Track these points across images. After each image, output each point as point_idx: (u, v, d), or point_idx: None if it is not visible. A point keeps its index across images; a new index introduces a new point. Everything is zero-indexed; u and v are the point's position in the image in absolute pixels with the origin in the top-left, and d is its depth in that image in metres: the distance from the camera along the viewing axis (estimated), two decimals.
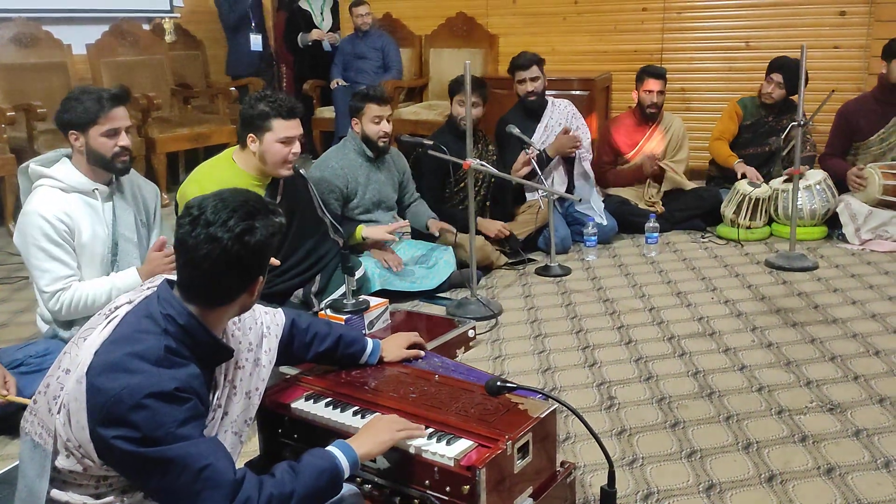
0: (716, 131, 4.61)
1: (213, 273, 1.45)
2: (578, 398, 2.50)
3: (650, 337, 2.98)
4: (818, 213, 4.13)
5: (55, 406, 1.45)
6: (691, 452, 2.18)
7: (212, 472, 1.35)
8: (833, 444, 2.20)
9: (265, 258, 1.51)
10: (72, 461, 1.45)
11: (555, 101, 4.28)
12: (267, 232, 1.48)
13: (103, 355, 1.41)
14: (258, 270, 1.52)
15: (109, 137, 2.36)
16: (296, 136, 2.73)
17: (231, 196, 1.49)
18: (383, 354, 1.93)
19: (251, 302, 1.57)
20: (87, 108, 2.33)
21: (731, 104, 4.61)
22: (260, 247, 1.47)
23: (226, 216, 1.44)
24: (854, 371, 2.63)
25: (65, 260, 2.32)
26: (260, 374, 1.68)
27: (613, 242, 4.21)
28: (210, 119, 5.68)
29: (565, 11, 5.69)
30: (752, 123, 4.52)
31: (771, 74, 4.41)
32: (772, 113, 4.48)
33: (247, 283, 1.51)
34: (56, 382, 1.48)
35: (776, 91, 4.40)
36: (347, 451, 1.50)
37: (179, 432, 1.35)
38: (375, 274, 3.29)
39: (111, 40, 5.46)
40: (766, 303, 3.29)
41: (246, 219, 1.45)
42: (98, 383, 1.37)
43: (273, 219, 1.51)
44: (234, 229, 1.43)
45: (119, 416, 1.33)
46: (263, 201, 1.53)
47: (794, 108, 4.45)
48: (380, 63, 6.05)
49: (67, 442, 1.43)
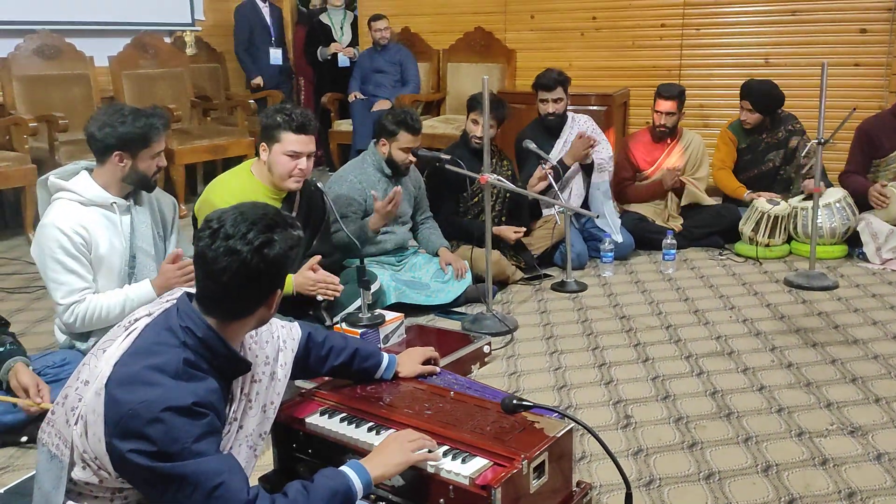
0: (716, 161, 4.57)
1: (232, 286, 1.45)
2: (594, 416, 2.48)
3: (667, 355, 2.95)
4: (838, 232, 4.08)
5: (73, 417, 1.46)
6: (710, 474, 2.15)
7: (224, 491, 1.35)
8: (854, 467, 2.16)
9: (284, 271, 1.52)
10: (88, 473, 1.45)
11: (575, 116, 4.28)
12: (286, 245, 1.48)
13: (122, 367, 1.41)
14: (276, 283, 1.52)
15: (153, 159, 2.42)
16: (304, 151, 2.74)
17: (250, 209, 1.50)
18: (399, 369, 1.93)
19: (269, 315, 1.57)
20: (145, 132, 2.36)
21: (723, 131, 4.60)
22: (279, 260, 1.47)
23: (245, 229, 1.45)
24: (875, 393, 2.59)
25: (80, 273, 2.34)
26: (276, 387, 1.68)
27: (630, 259, 4.19)
28: (229, 131, 5.72)
29: (583, 27, 5.70)
30: (749, 145, 4.50)
31: (741, 101, 4.43)
32: (763, 131, 4.46)
33: (265, 295, 1.52)
34: (74, 393, 1.48)
35: (750, 117, 4.41)
36: (361, 472, 1.49)
37: (195, 448, 1.35)
38: (391, 287, 3.29)
39: (133, 53, 5.53)
40: (785, 322, 3.25)
41: (265, 231, 1.46)
42: (116, 395, 1.37)
43: (292, 232, 1.51)
44: (254, 242, 1.44)
45: (135, 429, 1.34)
46: (282, 215, 1.53)
47: (785, 121, 4.45)
48: (398, 77, 6.08)
49: (84, 453, 1.43)
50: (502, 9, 5.97)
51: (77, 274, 2.33)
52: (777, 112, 4.43)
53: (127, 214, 2.46)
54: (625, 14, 5.55)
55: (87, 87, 5.23)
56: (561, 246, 3.95)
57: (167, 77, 5.72)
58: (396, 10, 6.26)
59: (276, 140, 2.73)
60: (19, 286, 3.90)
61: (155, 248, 2.51)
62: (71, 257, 2.32)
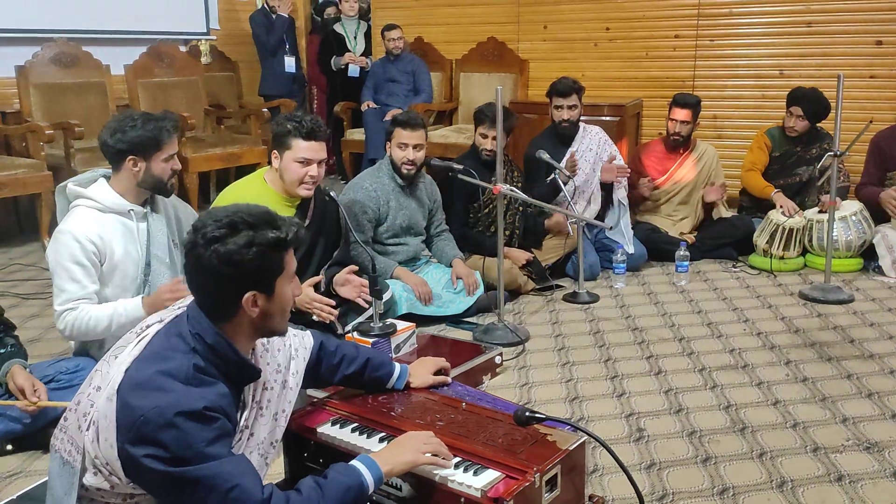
0: (747, 162, 4.55)
1: (197, 282, 1.47)
2: (607, 429, 2.46)
3: (680, 368, 2.93)
4: (854, 245, 4.05)
5: (85, 423, 1.46)
6: (723, 489, 2.12)
7: (240, 493, 1.35)
8: (870, 484, 2.13)
9: (242, 270, 1.43)
10: (99, 479, 1.45)
11: (586, 127, 4.28)
12: (242, 242, 1.41)
13: (134, 373, 1.42)
14: (244, 283, 1.45)
15: (167, 162, 2.43)
16: (315, 158, 2.76)
17: (232, 207, 1.49)
18: (410, 380, 1.92)
19: (261, 321, 1.51)
20: (155, 135, 2.38)
21: (760, 134, 4.56)
22: (231, 257, 1.41)
23: (209, 223, 1.44)
24: (892, 409, 2.56)
25: (83, 282, 2.34)
26: (287, 396, 1.68)
27: (643, 270, 4.17)
28: (242, 139, 5.75)
29: (597, 37, 5.70)
30: (781, 154, 4.47)
31: (790, 108, 4.38)
32: (799, 143, 4.43)
33: (232, 296, 1.46)
34: (87, 399, 1.49)
35: (798, 123, 4.35)
36: (372, 467, 1.48)
37: (208, 451, 1.35)
38: (402, 297, 3.28)
39: (148, 61, 5.57)
40: (800, 335, 3.22)
41: (223, 228, 1.42)
42: (128, 401, 1.37)
43: (265, 232, 1.44)
44: (207, 236, 1.42)
45: (148, 434, 1.34)
46: (266, 215, 1.48)
47: (823, 138, 4.42)
48: (410, 86, 6.10)
49: (95, 459, 1.43)
50: (515, 19, 5.98)
51: (80, 283, 2.33)
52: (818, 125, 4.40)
53: (143, 221, 2.47)
54: (638, 25, 5.54)
55: (103, 96, 5.27)
56: (573, 256, 3.94)
57: (182, 85, 5.76)
58: (410, 20, 6.28)
59: (287, 147, 2.75)
60: (34, 292, 3.92)
61: (170, 257, 2.52)
62: (78, 265, 2.32)
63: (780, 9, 5.14)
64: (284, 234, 1.48)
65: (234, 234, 1.43)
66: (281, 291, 1.51)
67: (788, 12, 5.12)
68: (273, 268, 1.48)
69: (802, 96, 4.33)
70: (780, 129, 4.50)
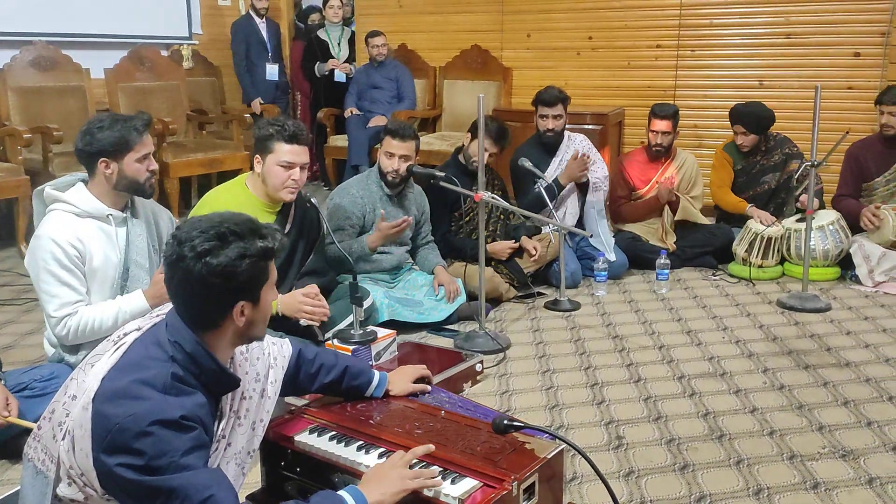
0: (715, 180, 4.58)
1: (182, 294, 1.44)
2: (586, 437, 2.47)
3: (660, 375, 2.94)
4: (831, 254, 4.09)
5: (60, 432, 1.44)
6: (700, 497, 2.13)
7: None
8: (846, 492, 2.15)
9: (233, 281, 1.43)
10: (73, 489, 1.43)
11: (571, 135, 4.30)
12: (234, 254, 1.41)
13: (110, 382, 1.40)
14: (233, 294, 1.45)
15: (141, 163, 2.40)
16: (297, 162, 2.75)
17: (215, 217, 1.47)
18: (390, 388, 1.91)
19: (249, 330, 1.51)
20: (123, 135, 2.36)
21: (719, 152, 4.61)
22: (223, 269, 1.40)
23: (195, 235, 1.41)
24: (867, 417, 2.58)
25: (74, 285, 2.32)
26: (265, 405, 1.66)
27: (624, 278, 4.19)
28: (224, 145, 5.72)
29: (579, 46, 5.74)
30: (744, 167, 4.52)
31: (733, 126, 4.44)
32: (758, 153, 4.48)
33: (223, 306, 1.45)
34: (62, 408, 1.47)
35: (745, 139, 4.41)
36: (359, 499, 1.45)
37: (183, 461, 1.34)
38: (383, 304, 3.27)
39: (129, 65, 5.54)
40: (778, 343, 3.25)
41: (213, 239, 1.41)
42: (104, 410, 1.36)
43: (255, 242, 1.44)
44: (196, 248, 1.40)
45: (123, 443, 1.32)
46: (250, 224, 1.48)
47: (782, 143, 4.47)
48: (394, 93, 6.10)
49: (70, 469, 1.42)
50: (499, 27, 6.00)
51: (70, 286, 2.31)
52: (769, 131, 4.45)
53: (123, 226, 2.44)
54: (621, 34, 5.59)
55: (82, 100, 5.23)
56: (555, 264, 3.95)
57: (163, 90, 5.73)
58: (394, 26, 6.29)
59: (270, 151, 2.74)
60: (9, 298, 3.87)
61: (149, 261, 2.50)
62: (65, 269, 2.30)
63: (760, 20, 5.21)
64: (272, 244, 1.48)
65: (225, 245, 1.41)
66: (265, 299, 1.52)
67: (768, 24, 5.18)
68: (261, 277, 1.48)
69: (739, 114, 4.41)
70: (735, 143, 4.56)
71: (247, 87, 6.41)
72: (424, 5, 6.25)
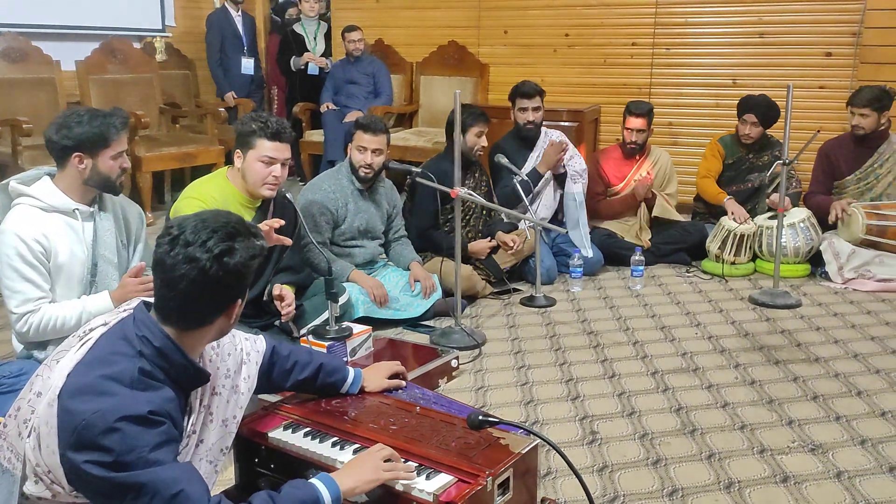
0: (702, 169, 4.64)
1: (190, 294, 1.43)
2: (560, 432, 2.48)
3: (634, 371, 2.97)
4: (802, 251, 4.15)
5: (25, 430, 1.42)
6: (673, 491, 2.16)
7: (184, 499, 1.32)
8: (814, 485, 2.18)
9: (244, 281, 1.49)
10: (40, 487, 1.41)
11: (548, 130, 4.33)
12: (247, 254, 1.46)
13: (76, 378, 1.38)
14: (236, 293, 1.50)
15: (115, 160, 2.37)
16: (278, 158, 2.73)
17: (212, 217, 1.48)
18: (365, 384, 1.90)
19: (229, 326, 1.55)
20: (102, 131, 2.32)
21: (713, 143, 4.66)
22: (239, 269, 1.45)
23: (206, 236, 1.42)
24: (836, 411, 2.63)
25: (37, 282, 2.28)
26: (238, 401, 1.65)
27: (599, 274, 4.22)
28: (198, 139, 5.66)
29: (556, 43, 5.76)
30: (734, 162, 4.57)
31: (744, 115, 4.47)
32: (751, 150, 4.53)
33: (224, 305, 1.49)
34: (27, 406, 1.45)
35: (753, 130, 4.45)
36: (331, 485, 1.46)
37: (152, 457, 1.32)
38: (359, 300, 3.26)
39: (101, 57, 5.45)
40: (749, 339, 3.29)
41: (226, 240, 1.44)
42: (70, 406, 1.34)
43: (254, 241, 1.49)
44: (213, 250, 1.41)
45: (90, 439, 1.30)
46: (245, 224, 1.51)
47: (773, 145, 4.53)
48: (370, 88, 6.07)
49: (37, 467, 1.40)
50: (476, 23, 6.00)
51: (33, 283, 2.27)
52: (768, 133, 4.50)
53: (90, 221, 2.40)
54: (597, 32, 5.62)
55: (52, 92, 5.14)
56: (531, 260, 3.97)
57: (136, 83, 5.65)
58: (370, 21, 6.26)
59: (251, 147, 2.72)
60: None
61: (118, 257, 2.46)
62: (28, 265, 2.26)
63: (734, 20, 5.26)
64: (266, 243, 1.55)
65: (236, 246, 1.45)
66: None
67: (742, 23, 5.24)
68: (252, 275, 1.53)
69: (755, 104, 4.44)
70: (733, 136, 4.59)
71: (220, 81, 6.35)
72: (401, 0, 6.24)
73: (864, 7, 4.88)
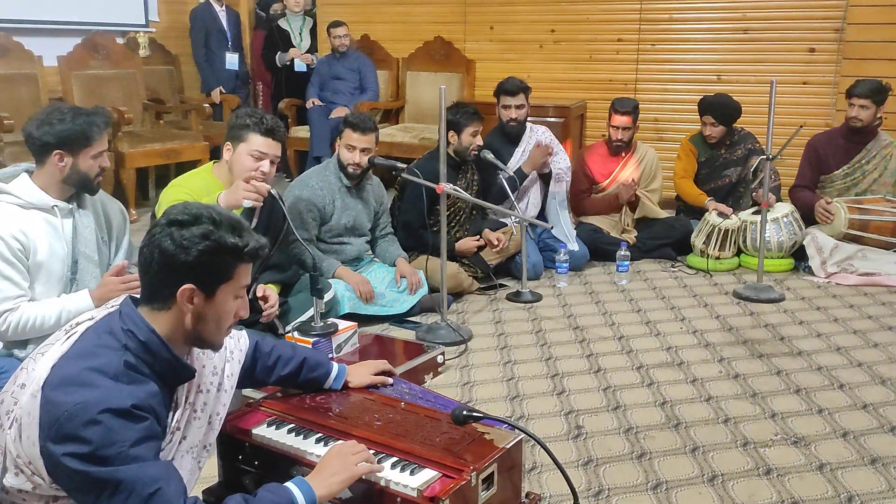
0: (678, 170, 4.66)
1: (146, 263, 1.46)
2: (546, 427, 2.49)
3: (619, 366, 2.98)
4: (785, 246, 4.18)
5: (7, 421, 1.42)
6: (657, 484, 2.17)
7: (160, 499, 1.31)
8: (797, 477, 2.20)
9: (193, 263, 1.42)
10: (21, 479, 1.40)
11: (533, 126, 4.33)
12: (198, 233, 1.42)
13: (60, 369, 1.38)
14: (186, 274, 1.43)
15: (95, 159, 2.35)
16: (269, 154, 2.71)
17: (200, 203, 1.51)
18: (349, 380, 1.90)
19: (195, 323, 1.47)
20: (84, 130, 2.29)
21: (685, 143, 4.68)
22: (183, 242, 1.41)
23: (179, 209, 1.47)
24: (818, 404, 2.65)
25: (15, 280, 2.25)
26: (222, 399, 1.64)
27: (585, 270, 4.23)
28: (182, 135, 5.62)
29: (542, 39, 5.76)
30: (707, 159, 4.59)
31: (702, 117, 4.51)
32: (723, 146, 4.56)
33: (171, 283, 1.44)
34: (10, 398, 1.44)
35: (714, 130, 4.48)
36: (306, 490, 1.45)
37: (132, 452, 1.31)
38: (345, 297, 3.26)
39: (83, 53, 5.40)
40: (733, 333, 3.31)
41: (185, 216, 1.45)
42: (53, 397, 1.33)
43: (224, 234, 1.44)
44: (170, 218, 1.45)
45: (71, 431, 1.30)
46: (234, 221, 1.49)
47: (746, 138, 4.56)
48: (356, 84, 6.06)
49: (17, 458, 1.39)
50: (462, 19, 6.00)
51: (11, 281, 2.24)
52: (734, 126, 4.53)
53: (69, 218, 2.38)
54: (583, 28, 5.63)
55: (34, 87, 5.08)
56: (517, 256, 3.97)
57: (119, 78, 5.60)
58: (356, 17, 6.24)
59: (243, 140, 2.69)
60: None
61: (99, 254, 2.44)
62: (7, 263, 2.23)
63: (718, 16, 5.29)
64: (243, 244, 1.47)
65: (195, 224, 1.44)
66: (223, 299, 1.48)
67: (726, 19, 5.27)
68: (219, 271, 1.47)
69: (710, 104, 4.48)
70: (702, 134, 4.62)
71: (206, 77, 6.31)
72: None
73: (847, 3, 4.92)
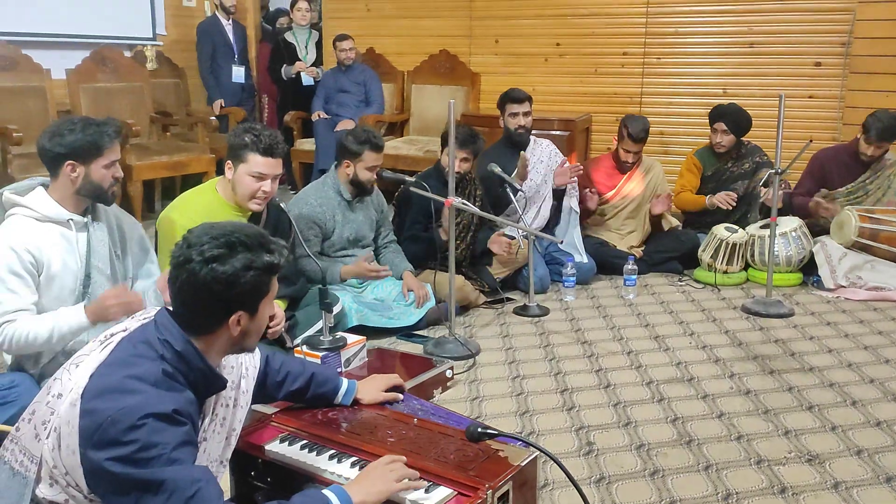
0: (678, 186, 4.65)
1: (185, 297, 1.45)
2: (557, 443, 2.47)
3: (628, 381, 2.96)
4: (794, 260, 4.17)
5: (44, 432, 1.42)
6: (671, 502, 2.15)
7: (200, 499, 1.32)
8: (812, 496, 2.18)
9: (236, 290, 1.44)
10: (55, 490, 1.41)
11: (537, 139, 4.34)
12: (240, 265, 1.43)
13: (99, 378, 1.39)
14: (234, 304, 1.46)
15: (108, 169, 2.34)
16: (269, 174, 2.71)
17: (228, 225, 1.49)
18: (360, 396, 1.89)
19: (239, 339, 1.51)
20: (95, 140, 2.29)
21: (689, 157, 4.68)
22: (228, 278, 1.42)
23: (206, 240, 1.44)
24: (832, 421, 2.63)
25: (21, 293, 2.23)
26: (237, 414, 1.65)
27: (592, 283, 4.21)
28: (189, 147, 5.63)
29: (547, 52, 5.77)
30: (714, 173, 4.59)
31: (714, 125, 4.50)
32: (729, 159, 4.55)
33: (220, 314, 1.47)
34: (45, 408, 1.45)
35: (724, 138, 4.48)
36: (343, 497, 1.44)
37: (173, 455, 1.33)
38: (353, 309, 3.25)
39: (91, 66, 5.42)
40: (743, 349, 3.29)
41: (222, 247, 1.43)
42: (94, 405, 1.34)
43: (262, 255, 1.47)
44: (205, 254, 1.42)
45: (114, 436, 1.31)
46: (262, 238, 1.50)
47: (753, 152, 4.56)
48: (362, 97, 6.07)
49: (54, 469, 1.40)
50: (467, 32, 6.02)
51: (17, 294, 2.22)
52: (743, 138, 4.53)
53: (84, 232, 2.37)
54: (588, 41, 5.64)
55: (42, 100, 5.10)
56: (524, 270, 3.96)
57: (126, 91, 5.62)
58: (361, 30, 6.27)
59: (242, 160, 2.70)
60: None
61: (111, 268, 2.43)
62: (15, 276, 2.22)
63: (724, 29, 5.30)
64: (277, 260, 1.50)
65: (233, 254, 1.43)
66: (262, 312, 1.53)
67: (732, 33, 5.27)
68: (262, 290, 1.50)
69: (724, 112, 4.48)
70: (708, 148, 4.62)
71: (211, 89, 6.33)
72: (392, 10, 6.25)
73: (854, 17, 4.93)
